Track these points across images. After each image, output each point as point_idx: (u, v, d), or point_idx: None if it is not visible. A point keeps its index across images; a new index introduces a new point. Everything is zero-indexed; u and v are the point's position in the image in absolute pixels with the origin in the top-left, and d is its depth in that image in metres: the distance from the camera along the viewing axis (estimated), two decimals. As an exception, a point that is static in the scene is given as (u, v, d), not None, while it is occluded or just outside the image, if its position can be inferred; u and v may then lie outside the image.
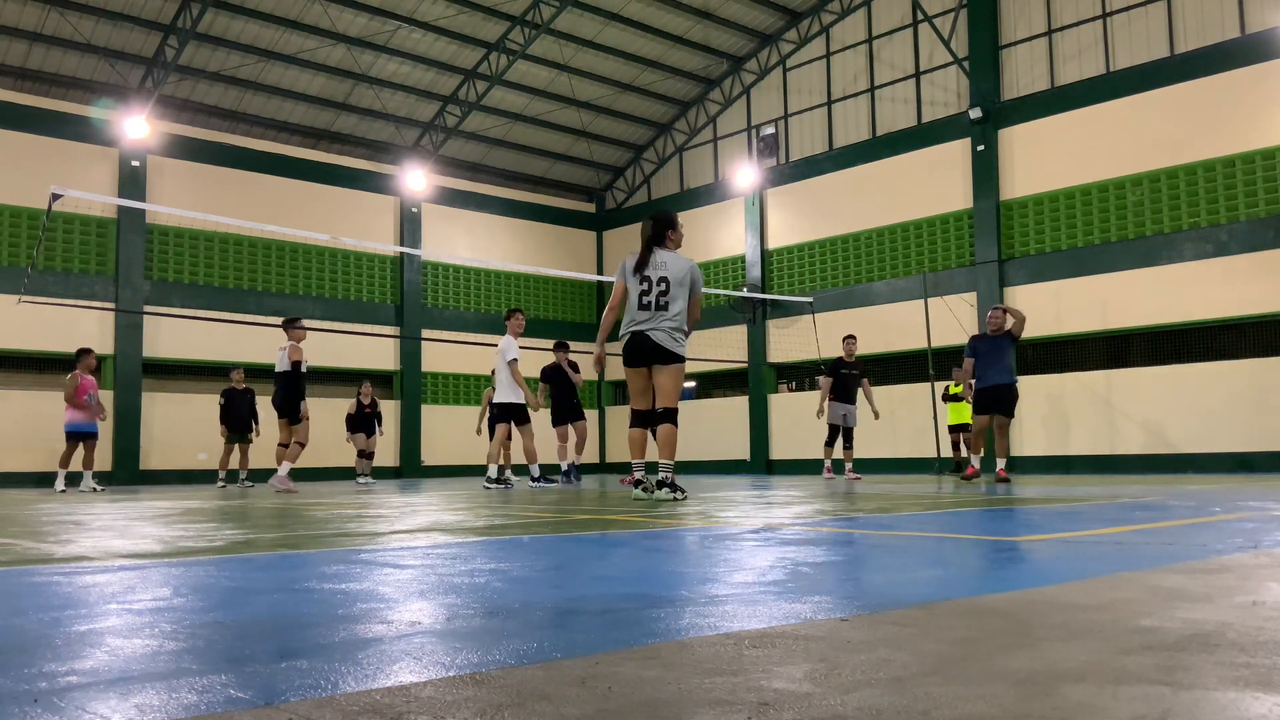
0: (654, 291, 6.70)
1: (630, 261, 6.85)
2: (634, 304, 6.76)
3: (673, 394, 6.78)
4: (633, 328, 6.75)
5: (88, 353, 13.03)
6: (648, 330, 6.69)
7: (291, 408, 11.34)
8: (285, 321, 11.74)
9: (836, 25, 21.22)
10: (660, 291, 6.69)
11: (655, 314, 6.69)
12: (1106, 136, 16.86)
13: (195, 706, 1.24)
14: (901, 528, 4.32)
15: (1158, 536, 3.75)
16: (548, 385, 13.22)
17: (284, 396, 11.33)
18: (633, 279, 6.78)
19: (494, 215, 23.36)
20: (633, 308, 6.77)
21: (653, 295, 6.70)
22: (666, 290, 6.70)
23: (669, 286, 6.70)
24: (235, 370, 15.21)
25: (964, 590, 2.27)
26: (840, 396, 13.57)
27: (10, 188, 17.08)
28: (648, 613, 1.95)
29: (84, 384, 12.60)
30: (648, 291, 6.71)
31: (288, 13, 18.18)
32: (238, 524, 5.10)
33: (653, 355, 6.71)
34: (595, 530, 4.43)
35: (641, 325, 6.71)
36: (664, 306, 6.69)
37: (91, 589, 2.50)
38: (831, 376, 13.70)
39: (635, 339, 6.73)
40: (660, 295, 6.69)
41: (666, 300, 6.69)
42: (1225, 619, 1.77)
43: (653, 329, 6.69)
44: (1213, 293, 15.48)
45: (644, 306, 6.72)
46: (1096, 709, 1.17)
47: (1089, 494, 7.47)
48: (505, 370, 11.27)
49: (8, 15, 16.73)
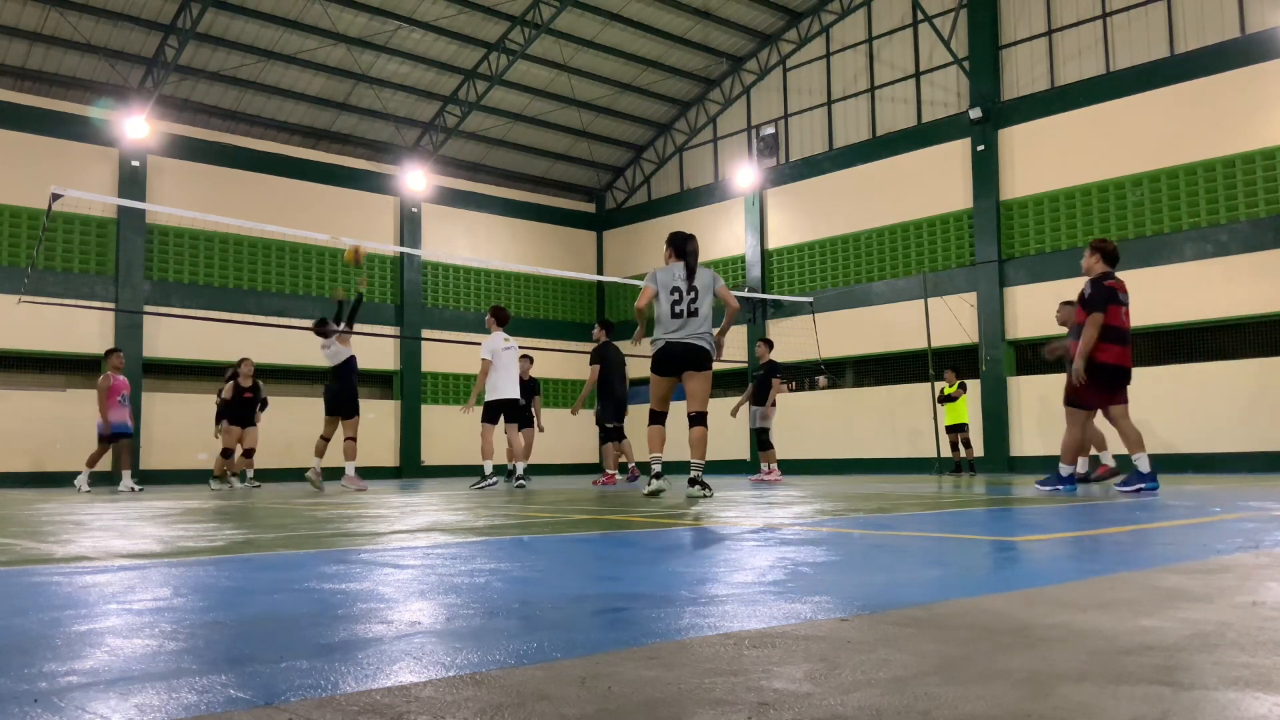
0: (685, 300, 7.03)
1: (666, 276, 7.12)
2: (666, 314, 7.06)
3: (705, 398, 7.12)
4: (667, 336, 7.07)
5: (116, 352, 12.88)
6: (681, 339, 7.03)
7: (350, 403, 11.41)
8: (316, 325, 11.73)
9: (836, 25, 21.21)
10: (691, 299, 7.04)
11: (688, 320, 7.04)
12: (1106, 136, 16.85)
13: (195, 706, 1.24)
14: (901, 528, 4.32)
15: (1158, 536, 3.75)
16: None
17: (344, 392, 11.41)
18: (665, 291, 7.07)
19: (494, 215, 23.36)
20: (665, 318, 7.07)
21: (684, 304, 7.03)
22: (697, 298, 7.05)
23: (698, 294, 7.06)
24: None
25: (964, 590, 2.27)
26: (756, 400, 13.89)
27: (10, 188, 17.08)
28: (648, 613, 1.95)
29: (116, 384, 12.44)
30: (679, 301, 7.03)
31: (288, 13, 18.18)
32: (238, 524, 5.10)
33: (685, 362, 7.04)
34: (595, 530, 4.43)
35: (674, 334, 7.04)
36: (695, 313, 7.05)
37: (91, 589, 2.50)
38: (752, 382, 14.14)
39: (668, 348, 7.06)
40: (691, 303, 7.04)
41: (697, 307, 7.05)
42: (1225, 619, 1.77)
43: (685, 337, 7.02)
44: (1213, 293, 15.47)
45: (676, 315, 7.04)
46: (1096, 709, 1.17)
47: (1088, 494, 7.47)
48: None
49: (8, 15, 16.72)
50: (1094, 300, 7.42)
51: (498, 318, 11.28)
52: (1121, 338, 7.49)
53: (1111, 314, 7.41)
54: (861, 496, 7.46)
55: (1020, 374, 17.83)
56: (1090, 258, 7.73)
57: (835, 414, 19.86)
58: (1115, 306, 7.44)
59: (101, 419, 12.33)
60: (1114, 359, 7.44)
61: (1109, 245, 7.67)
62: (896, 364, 19.32)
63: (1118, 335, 7.45)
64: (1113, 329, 7.41)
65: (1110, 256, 7.63)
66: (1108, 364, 7.43)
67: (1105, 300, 7.39)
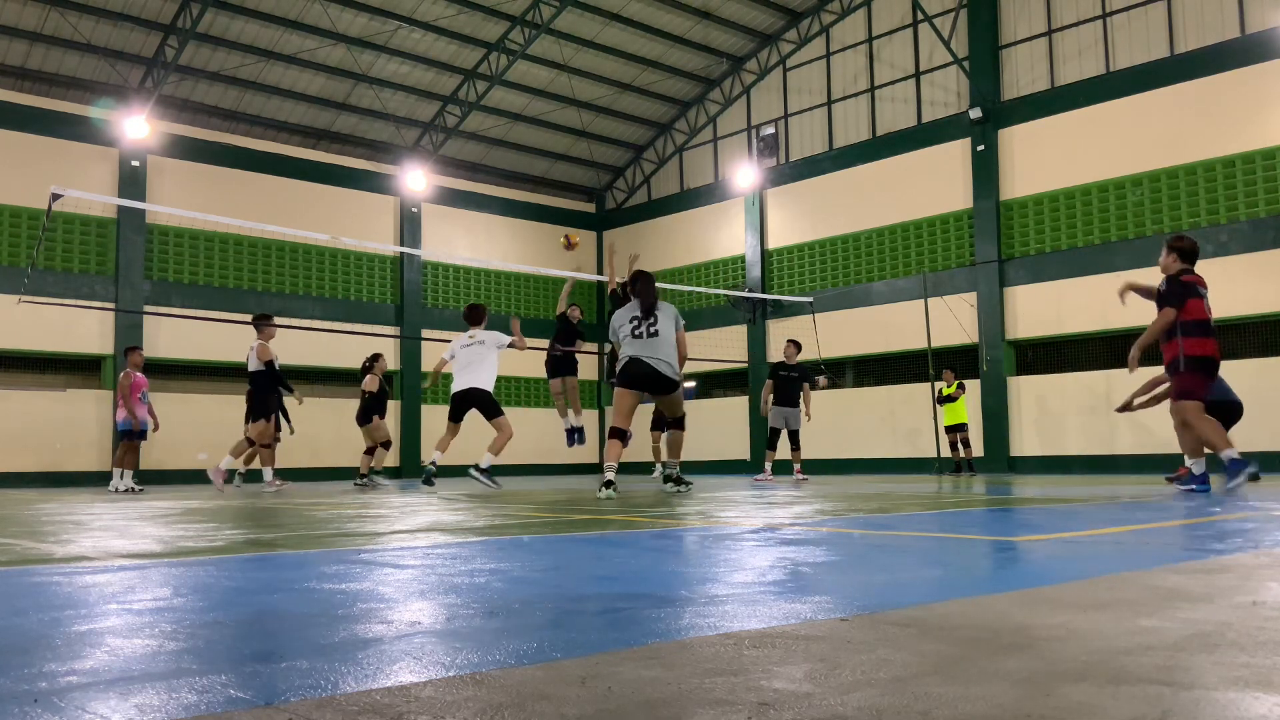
0: (644, 326, 7.79)
1: (625, 317, 7.85)
2: (628, 337, 7.79)
3: (680, 407, 8.11)
4: (632, 352, 7.72)
5: (136, 349, 12.83)
6: (646, 357, 7.68)
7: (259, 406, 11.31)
8: (256, 318, 11.69)
9: (836, 25, 21.21)
10: (650, 322, 7.79)
11: (648, 340, 7.73)
12: (1106, 136, 16.85)
13: (195, 706, 1.24)
14: (901, 528, 4.31)
15: (1158, 536, 3.75)
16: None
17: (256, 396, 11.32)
18: (626, 326, 7.82)
19: (494, 215, 23.35)
20: (628, 339, 7.79)
21: (644, 328, 7.79)
22: (655, 322, 7.80)
23: (657, 319, 7.81)
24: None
25: (964, 590, 2.27)
26: (781, 400, 13.81)
27: (10, 188, 17.08)
28: (648, 613, 1.95)
29: (137, 381, 12.43)
30: (638, 327, 7.78)
31: (288, 13, 18.18)
32: (238, 524, 5.10)
33: (654, 385, 7.76)
34: (595, 530, 4.43)
35: (640, 352, 7.70)
36: (655, 334, 7.76)
37: (91, 589, 2.50)
38: (773, 379, 14.01)
39: (635, 364, 7.69)
40: (650, 326, 7.78)
41: (656, 329, 7.77)
42: (1225, 619, 1.77)
43: (651, 357, 7.68)
44: (1213, 293, 15.27)
45: (637, 337, 7.78)
46: (1096, 709, 1.17)
47: (1088, 494, 7.47)
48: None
49: (8, 15, 16.72)
50: (1168, 296, 7.37)
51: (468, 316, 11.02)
52: (1208, 329, 7.45)
53: (1194, 308, 7.37)
54: (861, 496, 7.46)
55: (1020, 374, 17.84)
56: (1167, 257, 7.65)
57: (835, 414, 19.85)
58: (1196, 300, 7.40)
59: (130, 416, 12.24)
60: (1209, 351, 7.42)
61: (1186, 242, 7.60)
62: (896, 364, 19.32)
63: (1204, 328, 7.41)
64: (1199, 323, 7.38)
65: (1188, 254, 7.56)
66: (1204, 356, 7.40)
67: (1183, 295, 7.34)
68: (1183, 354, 7.34)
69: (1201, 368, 7.40)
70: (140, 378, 12.47)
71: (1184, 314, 7.34)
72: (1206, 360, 7.43)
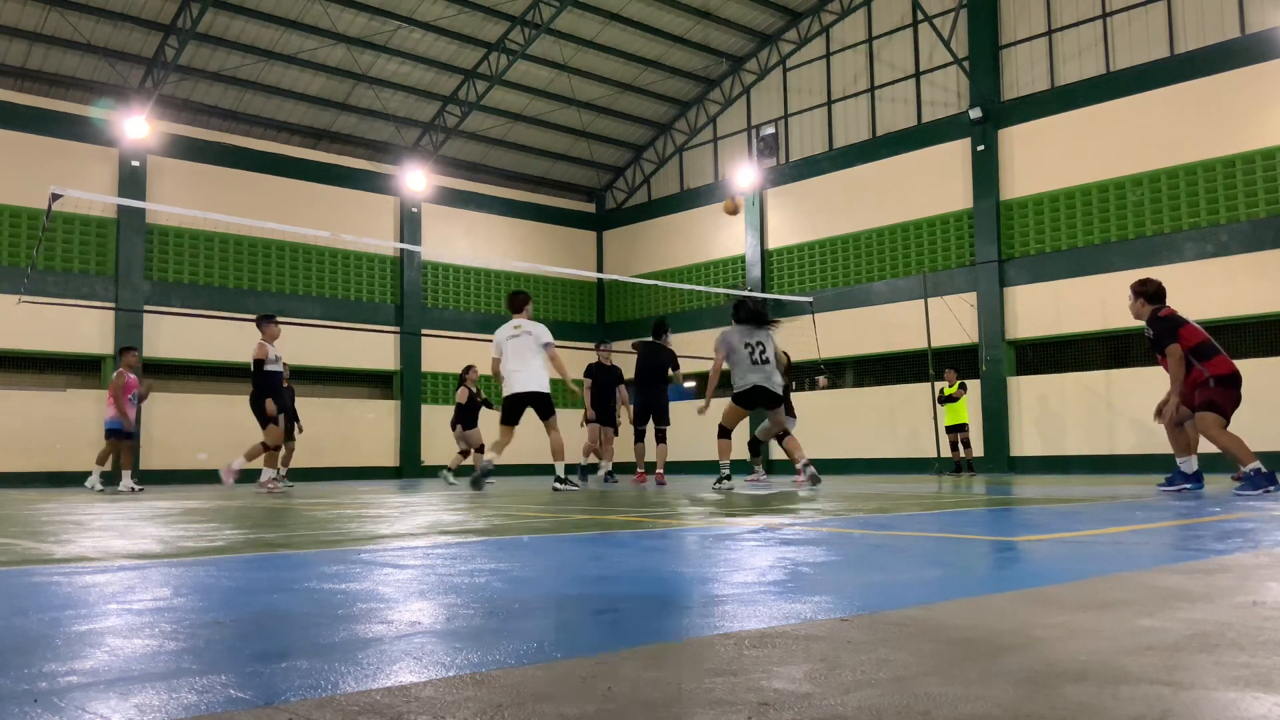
0: (756, 351, 9.27)
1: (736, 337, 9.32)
2: (745, 361, 9.24)
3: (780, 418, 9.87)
4: (755, 381, 9.20)
5: (130, 350, 12.80)
6: (765, 385, 9.23)
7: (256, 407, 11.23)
8: (259, 318, 11.61)
9: (836, 25, 21.21)
10: (761, 350, 9.29)
11: (764, 367, 9.26)
12: (1106, 136, 16.85)
13: (195, 706, 1.24)
14: (901, 528, 4.32)
15: (1158, 536, 3.75)
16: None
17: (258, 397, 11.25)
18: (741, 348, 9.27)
19: (494, 215, 23.36)
20: (744, 363, 9.24)
21: (757, 354, 9.27)
22: (765, 349, 9.31)
23: (766, 348, 9.33)
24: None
25: (964, 590, 2.27)
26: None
27: (10, 188, 17.08)
28: (648, 613, 1.95)
29: (129, 382, 12.41)
30: (752, 352, 9.24)
31: (288, 13, 18.18)
32: (238, 524, 5.10)
33: (767, 401, 9.33)
34: (595, 530, 4.43)
35: (759, 380, 9.21)
36: (767, 361, 9.30)
37: (91, 589, 2.50)
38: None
39: (756, 390, 9.22)
40: (762, 353, 9.29)
41: (767, 356, 9.31)
42: (1225, 619, 1.77)
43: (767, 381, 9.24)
44: (1213, 293, 15.46)
45: (755, 363, 9.25)
46: (1096, 709, 1.17)
47: (1088, 494, 7.47)
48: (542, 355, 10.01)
49: (8, 15, 16.72)
50: (1164, 335, 7.32)
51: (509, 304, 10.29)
52: (1215, 346, 7.41)
53: (1190, 334, 7.33)
54: (861, 496, 7.46)
55: (1020, 374, 17.83)
56: (1135, 302, 7.62)
57: (835, 414, 19.86)
58: (1188, 327, 7.36)
59: (120, 416, 12.21)
60: (1225, 369, 7.38)
61: (1151, 285, 7.58)
62: (896, 364, 19.32)
63: (1212, 347, 7.38)
64: (1202, 345, 7.34)
65: (1155, 296, 7.54)
66: (1229, 373, 7.38)
67: (1174, 328, 7.31)
68: (1209, 375, 7.32)
69: (1230, 383, 7.41)
70: (133, 379, 12.44)
71: (1184, 343, 7.31)
72: (1233, 376, 7.43)
